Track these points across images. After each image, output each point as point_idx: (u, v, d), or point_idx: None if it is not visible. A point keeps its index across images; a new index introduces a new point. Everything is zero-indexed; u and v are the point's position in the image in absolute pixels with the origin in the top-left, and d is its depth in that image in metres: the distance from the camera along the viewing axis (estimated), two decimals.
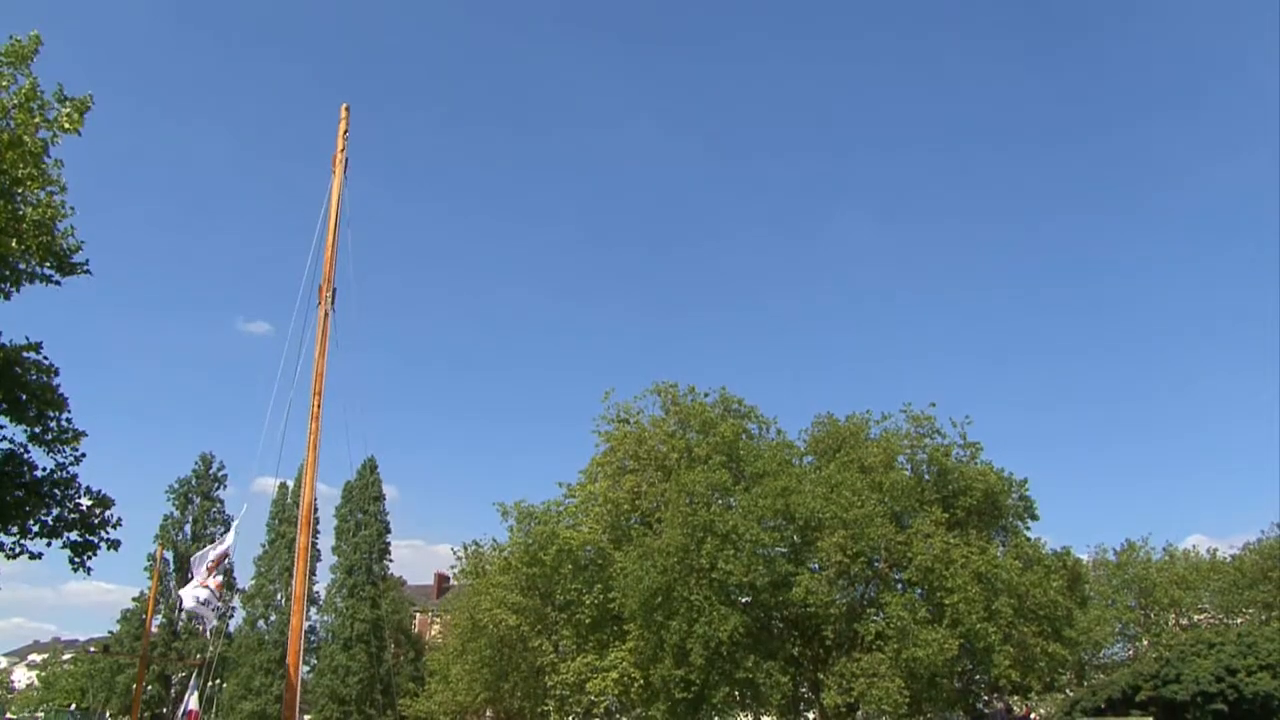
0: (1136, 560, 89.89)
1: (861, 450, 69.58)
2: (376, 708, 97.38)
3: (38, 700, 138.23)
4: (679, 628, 62.56)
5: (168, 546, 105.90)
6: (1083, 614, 71.51)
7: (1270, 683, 63.25)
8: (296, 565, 14.73)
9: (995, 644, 61.14)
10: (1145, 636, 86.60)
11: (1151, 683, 67.13)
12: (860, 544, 63.17)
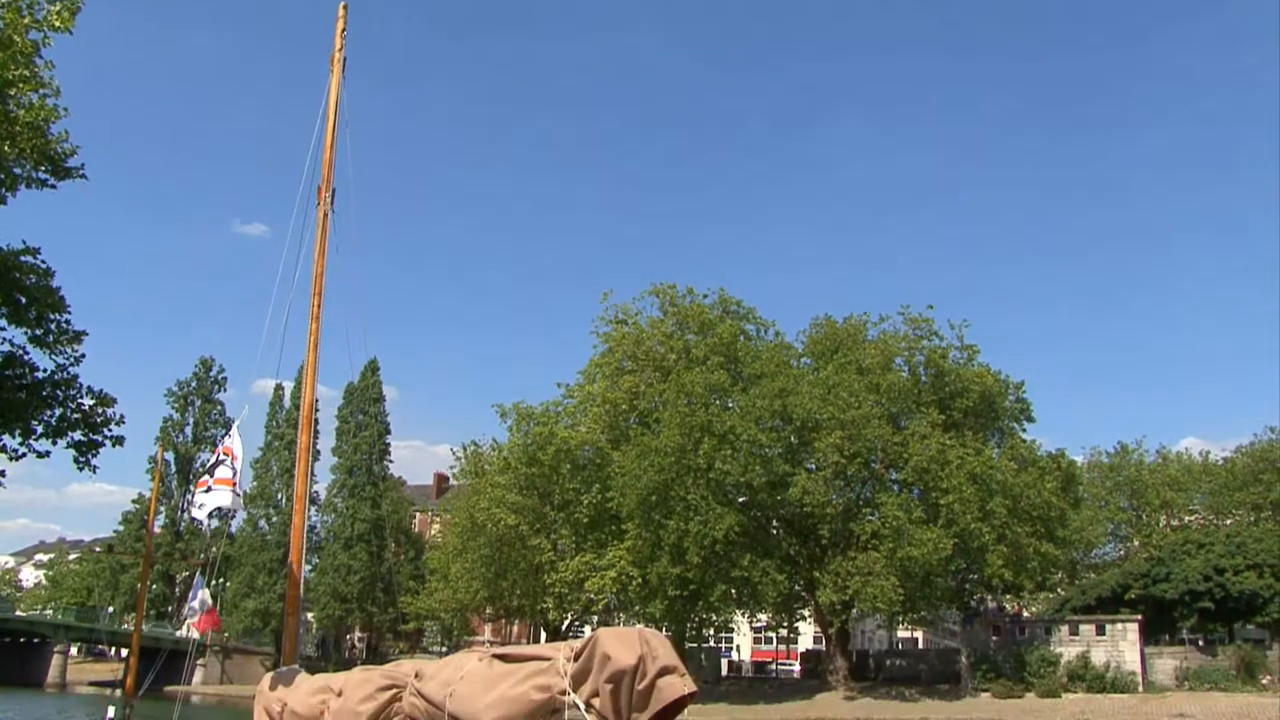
0: (1130, 463, 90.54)
1: (859, 352, 69.88)
2: (378, 605, 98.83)
3: (46, 598, 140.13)
4: (676, 527, 63.39)
5: (168, 448, 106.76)
6: (1075, 515, 72.36)
7: (1257, 581, 64.25)
8: (297, 465, 14.91)
9: (989, 544, 62.02)
10: (1136, 537, 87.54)
11: (1141, 582, 68.10)
12: (857, 445, 63.84)
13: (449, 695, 6.86)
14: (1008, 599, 78.59)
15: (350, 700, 8.29)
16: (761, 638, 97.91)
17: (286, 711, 9.48)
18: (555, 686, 6.07)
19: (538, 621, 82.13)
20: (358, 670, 8.94)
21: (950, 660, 72.00)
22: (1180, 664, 64.39)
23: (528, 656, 6.51)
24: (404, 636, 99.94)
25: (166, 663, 31.74)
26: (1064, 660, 64.31)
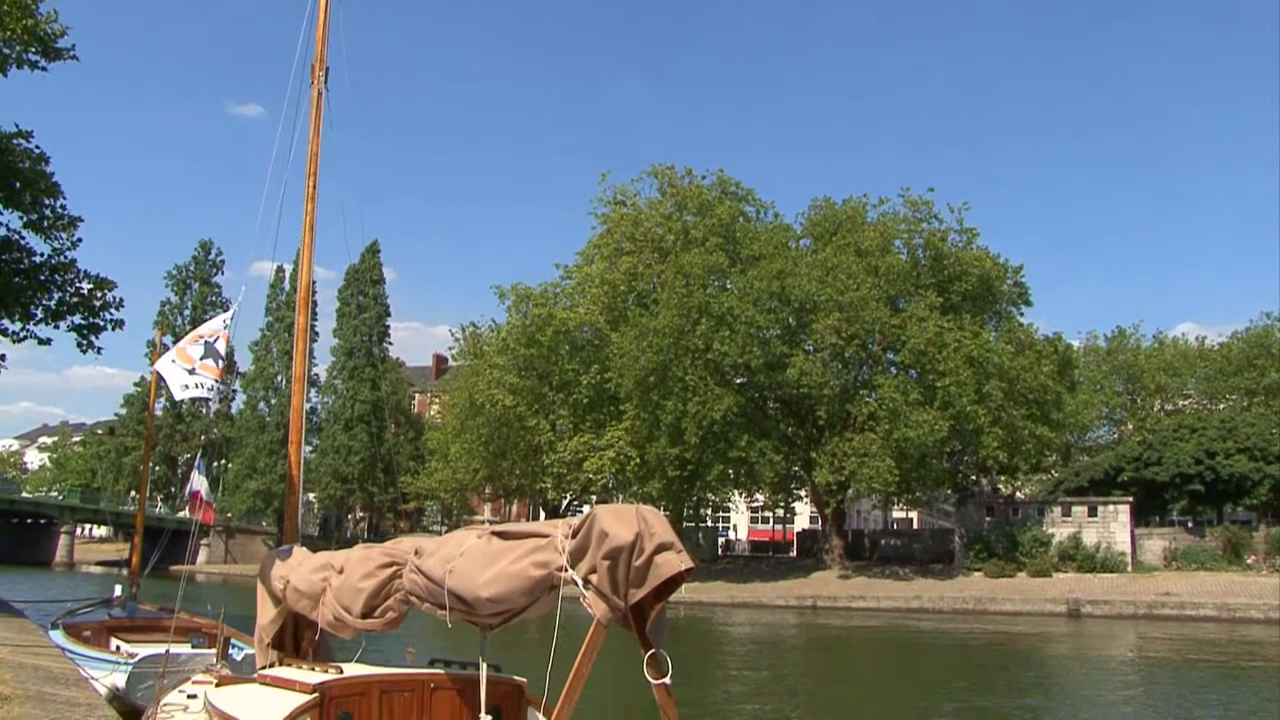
0: (1126, 347, 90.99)
1: (858, 234, 69.59)
2: (378, 485, 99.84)
3: (50, 480, 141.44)
4: (674, 407, 63.81)
5: (167, 331, 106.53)
6: (1071, 398, 72.75)
7: (1247, 464, 64.83)
8: (296, 346, 14.79)
9: (985, 426, 62.49)
10: (1130, 421, 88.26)
11: (1134, 464, 68.68)
12: (855, 326, 63.91)
13: (449, 572, 6.96)
14: (1002, 480, 79.38)
15: (351, 577, 8.41)
16: (758, 518, 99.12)
17: (289, 589, 9.63)
18: (553, 563, 6.15)
19: (536, 501, 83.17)
20: (359, 548, 9.06)
21: (944, 540, 73.05)
22: (1169, 545, 65.31)
23: (526, 534, 6.58)
24: (404, 516, 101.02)
25: (171, 543, 32.12)
26: (1056, 541, 65.20)
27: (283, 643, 10.26)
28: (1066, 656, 37.55)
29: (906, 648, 40.72)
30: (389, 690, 8.04)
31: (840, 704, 23.95)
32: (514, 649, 13.21)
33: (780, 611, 58.64)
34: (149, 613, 24.11)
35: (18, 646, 17.83)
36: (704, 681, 25.61)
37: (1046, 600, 56.66)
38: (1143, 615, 53.18)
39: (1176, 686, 27.40)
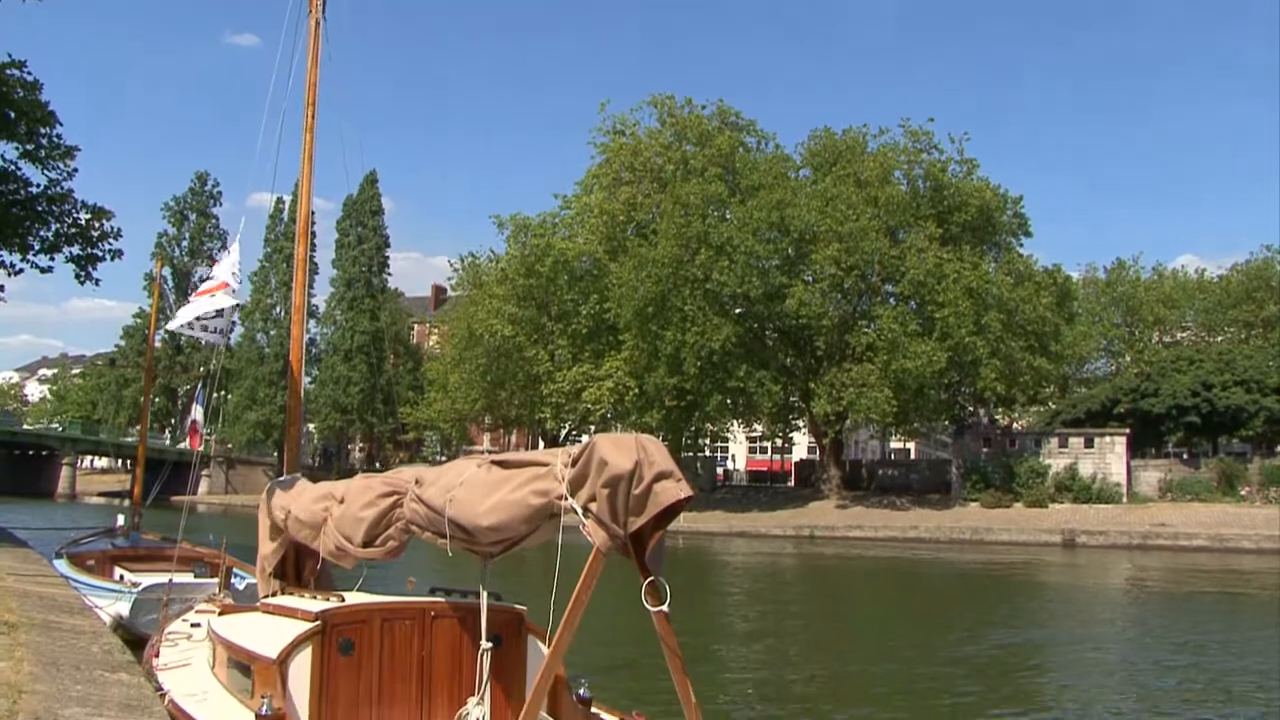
0: (1125, 279, 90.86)
1: (858, 164, 69.21)
2: (377, 416, 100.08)
3: (51, 412, 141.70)
4: (673, 338, 63.93)
5: (165, 263, 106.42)
6: (1069, 330, 72.78)
7: (1244, 396, 65.01)
8: (295, 276, 14.74)
9: (983, 357, 62.60)
10: (1128, 353, 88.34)
11: (1130, 396, 68.87)
12: (854, 257, 63.80)
13: (449, 501, 7.00)
14: (999, 412, 79.62)
15: (352, 507, 8.46)
16: (756, 448, 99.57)
17: (290, 519, 9.69)
18: (553, 491, 6.18)
19: (535, 431, 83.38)
20: (359, 478, 9.10)
21: (941, 471, 73.41)
22: (1164, 476, 65.71)
23: (526, 462, 6.62)
24: (404, 446, 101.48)
25: (172, 474, 32.24)
26: (1052, 472, 65.55)
27: (284, 572, 10.35)
28: (1062, 586, 37.90)
29: (903, 577, 41.09)
30: (390, 618, 8.13)
31: (837, 632, 24.21)
32: (514, 578, 13.37)
33: (778, 541, 59.12)
34: (152, 542, 24.26)
35: (22, 575, 17.99)
36: (702, 609, 25.87)
37: (1042, 530, 57.10)
38: (1137, 546, 53.62)
39: (1170, 616, 27.69)
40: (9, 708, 7.92)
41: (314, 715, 7.80)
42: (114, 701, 9.08)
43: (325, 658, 7.90)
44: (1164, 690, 16.50)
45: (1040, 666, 18.54)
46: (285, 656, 7.82)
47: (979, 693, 15.97)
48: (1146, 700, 15.75)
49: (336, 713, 7.91)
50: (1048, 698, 15.98)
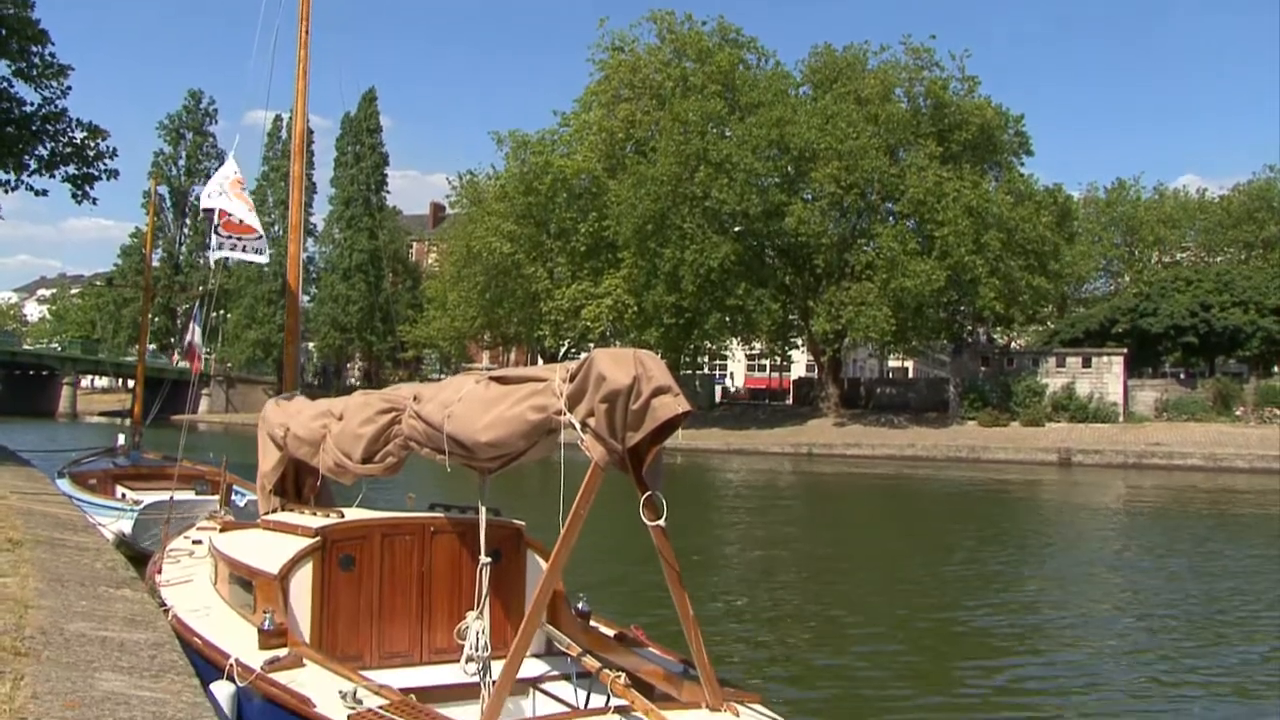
0: (1126, 199, 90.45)
1: (859, 82, 68.65)
2: (376, 334, 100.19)
3: (50, 332, 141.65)
4: (672, 255, 63.87)
5: (162, 182, 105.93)
6: (1069, 249, 72.68)
7: (1241, 317, 65.04)
8: (292, 193, 14.71)
9: (982, 276, 62.55)
10: (1127, 273, 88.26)
11: (1129, 316, 68.86)
12: (854, 175, 63.54)
13: (447, 417, 7.01)
14: (998, 331, 79.75)
15: (351, 423, 8.49)
16: (755, 366, 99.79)
17: (290, 436, 9.72)
18: (551, 407, 6.18)
19: (534, 349, 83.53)
20: (358, 395, 9.11)
21: (939, 390, 73.67)
22: (1161, 396, 65.94)
23: (524, 378, 6.61)
24: (403, 365, 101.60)
25: (172, 393, 32.29)
26: (1049, 391, 65.78)
27: (284, 489, 10.40)
28: (1058, 504, 38.19)
29: (900, 495, 41.37)
30: (390, 534, 8.19)
31: (835, 548, 24.41)
32: (513, 494, 13.48)
33: (776, 458, 59.48)
34: (153, 461, 24.38)
35: (26, 494, 18.11)
36: (700, 525, 26.06)
37: (1039, 449, 57.41)
38: (1132, 465, 53.96)
39: (1165, 534, 27.92)
40: (16, 622, 8.01)
41: (315, 630, 7.89)
42: (118, 617, 9.19)
43: (326, 573, 7.98)
44: (1162, 607, 16.67)
45: (1039, 585, 18.71)
46: (286, 572, 7.90)
47: (977, 610, 16.13)
48: (1148, 618, 15.92)
49: (337, 627, 8.00)
50: (1047, 616, 16.14)
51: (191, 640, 8.25)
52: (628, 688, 6.68)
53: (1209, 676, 12.13)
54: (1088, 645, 13.83)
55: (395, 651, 8.17)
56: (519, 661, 6.28)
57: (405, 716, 6.24)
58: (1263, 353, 66.61)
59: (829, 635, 14.06)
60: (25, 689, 6.40)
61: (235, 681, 7.23)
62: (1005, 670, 12.27)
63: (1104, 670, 12.48)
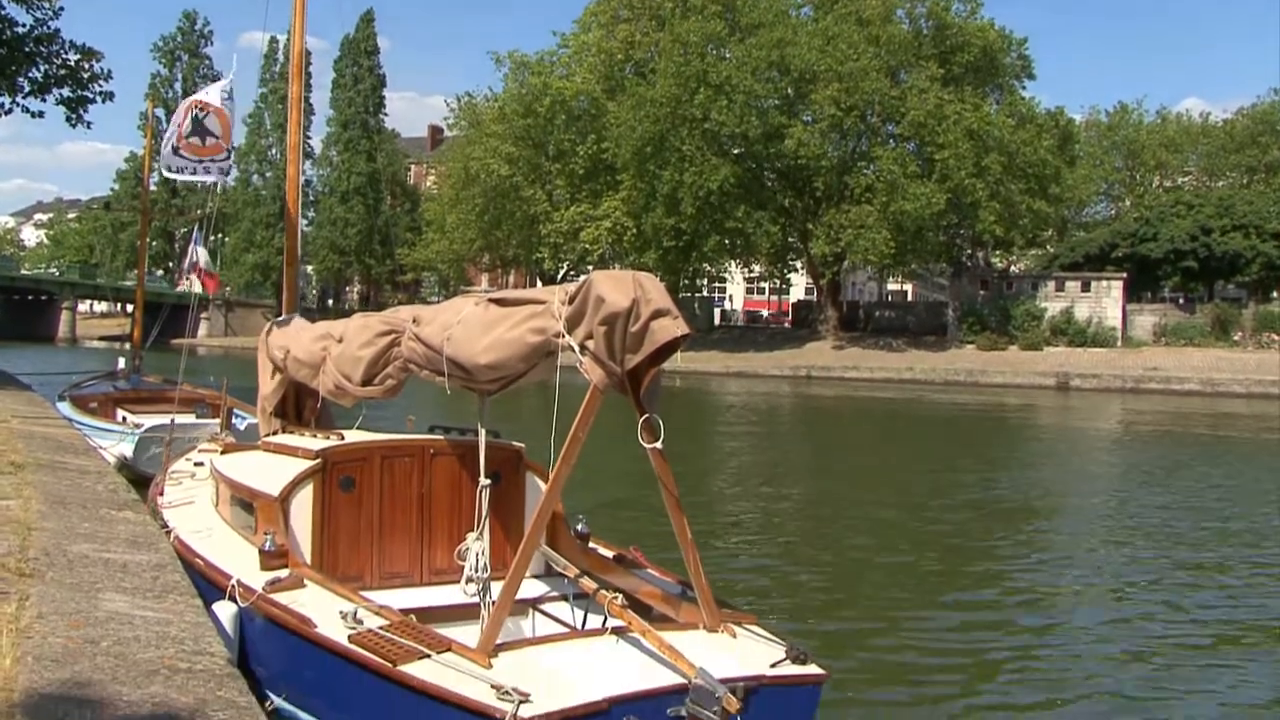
0: (1128, 122, 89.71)
1: (860, 2, 67.84)
2: (375, 258, 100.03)
3: (48, 257, 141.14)
4: (671, 178, 63.65)
5: (158, 104, 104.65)
6: (1070, 173, 72.26)
7: (1242, 242, 64.89)
8: (289, 116, 14.52)
9: (982, 200, 62.33)
10: (1128, 197, 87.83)
11: (1129, 240, 68.72)
12: (854, 97, 63.15)
13: (446, 339, 7.00)
14: (997, 255, 79.60)
15: (351, 346, 8.48)
16: (754, 288, 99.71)
17: (290, 358, 9.72)
18: (550, 329, 6.17)
19: (533, 271, 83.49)
20: (357, 317, 9.09)
21: (938, 313, 73.67)
22: (1159, 321, 66.00)
23: (523, 300, 6.60)
24: (402, 288, 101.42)
25: (171, 316, 32.28)
26: (1048, 315, 65.81)
27: (284, 411, 10.43)
28: (1055, 428, 38.36)
29: (898, 418, 41.50)
30: (390, 455, 8.22)
31: (833, 471, 24.53)
32: (513, 417, 13.53)
33: (774, 381, 59.67)
34: (153, 384, 24.37)
35: (27, 418, 18.15)
36: (698, 448, 26.17)
37: (1036, 373, 57.58)
38: (1129, 389, 54.15)
39: (1160, 456, 28.06)
40: (19, 544, 8.07)
41: (316, 551, 7.95)
42: (121, 538, 9.26)
43: (326, 495, 8.03)
44: (1161, 530, 16.78)
45: (1039, 508, 18.81)
46: (287, 494, 7.95)
47: (975, 530, 16.24)
48: (1149, 541, 16.01)
49: (338, 548, 8.06)
50: (1047, 538, 16.25)
51: (193, 561, 8.32)
52: (625, 608, 6.75)
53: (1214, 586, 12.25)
54: (1081, 556, 13.97)
55: (395, 572, 8.24)
56: (518, 582, 6.33)
57: (405, 637, 6.30)
58: (1262, 278, 66.56)
59: (826, 558, 14.16)
60: (30, 609, 6.47)
61: (237, 602, 7.31)
62: (1001, 587, 12.37)
63: (1099, 580, 12.60)
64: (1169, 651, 9.99)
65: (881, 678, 8.88)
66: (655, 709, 5.76)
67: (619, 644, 6.45)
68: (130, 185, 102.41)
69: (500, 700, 5.54)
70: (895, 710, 8.13)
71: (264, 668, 7.30)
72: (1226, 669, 9.57)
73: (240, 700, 5.63)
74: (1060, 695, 8.60)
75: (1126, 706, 8.44)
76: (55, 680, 5.32)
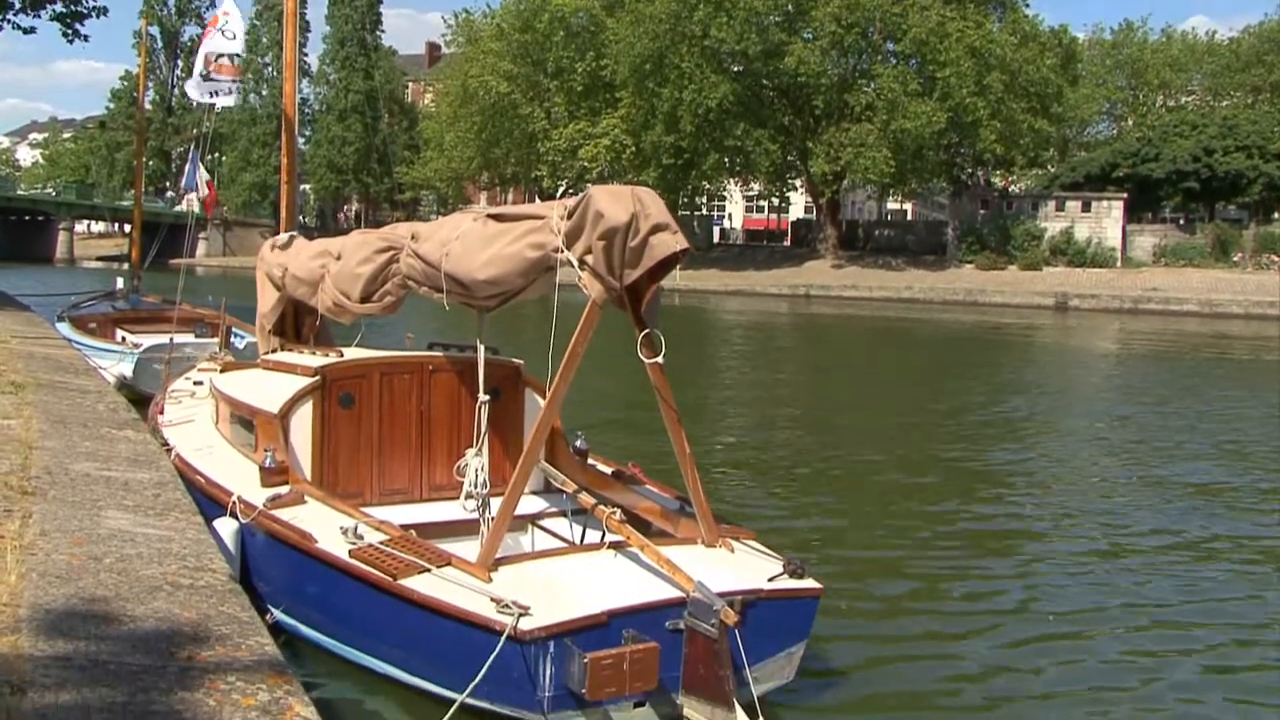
0: (1132, 40, 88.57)
1: None
2: (373, 176, 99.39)
3: (44, 177, 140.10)
4: (670, 95, 63.21)
5: (152, 21, 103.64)
6: (1072, 92, 71.63)
7: (1244, 162, 64.39)
8: (285, 31, 14.37)
9: (983, 119, 61.86)
10: (1131, 116, 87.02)
11: (1130, 160, 68.16)
12: (855, 14, 62.54)
13: (445, 255, 6.97)
14: (997, 174, 79.15)
15: (349, 263, 8.46)
16: (753, 207, 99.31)
17: (288, 276, 9.70)
18: (549, 244, 6.15)
19: (532, 190, 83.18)
20: (355, 234, 9.07)
21: (937, 232, 73.43)
22: (1159, 241, 65.76)
23: (522, 215, 6.57)
24: (400, 207, 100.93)
25: (169, 237, 32.09)
26: (1048, 235, 65.59)
27: (284, 329, 10.43)
28: (1053, 347, 38.47)
29: (897, 336, 41.55)
30: (389, 372, 8.24)
31: (831, 389, 24.59)
32: (511, 332, 13.53)
33: (773, 299, 59.72)
34: (152, 304, 24.32)
35: (26, 338, 18.17)
36: (697, 364, 26.22)
37: (1035, 293, 57.51)
38: (1128, 310, 54.12)
39: (1156, 376, 28.14)
40: (21, 463, 8.11)
41: (316, 467, 8.00)
42: (122, 457, 9.31)
43: (326, 411, 8.05)
44: (1163, 449, 16.84)
45: (1036, 426, 18.81)
46: (286, 411, 7.97)
47: (973, 449, 16.31)
48: (1151, 457, 16.08)
49: (337, 465, 8.11)
50: (1045, 455, 16.29)
51: (194, 479, 8.37)
52: (623, 523, 6.80)
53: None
54: (1079, 472, 14.05)
55: (395, 488, 8.29)
56: (517, 498, 6.38)
57: (405, 551, 6.36)
58: (1263, 198, 66.21)
59: (823, 474, 14.24)
60: (33, 526, 6.51)
61: (238, 519, 7.36)
62: (999, 504, 12.44)
63: (1099, 496, 12.68)
64: (1167, 568, 10.07)
65: (878, 592, 8.96)
66: (653, 622, 5.83)
67: (617, 558, 6.52)
68: (125, 104, 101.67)
69: (500, 613, 5.61)
70: (892, 624, 8.21)
71: (265, 583, 7.38)
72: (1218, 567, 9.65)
73: (242, 615, 5.69)
74: (1056, 608, 8.68)
75: (1126, 617, 8.51)
76: (60, 596, 5.37)
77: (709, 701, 5.84)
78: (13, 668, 4.41)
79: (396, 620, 6.19)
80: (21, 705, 4.06)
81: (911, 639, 7.84)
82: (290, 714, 4.45)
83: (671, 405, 6.43)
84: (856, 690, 7.01)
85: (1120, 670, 7.44)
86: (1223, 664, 7.68)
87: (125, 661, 4.69)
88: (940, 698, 6.93)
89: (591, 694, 5.50)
